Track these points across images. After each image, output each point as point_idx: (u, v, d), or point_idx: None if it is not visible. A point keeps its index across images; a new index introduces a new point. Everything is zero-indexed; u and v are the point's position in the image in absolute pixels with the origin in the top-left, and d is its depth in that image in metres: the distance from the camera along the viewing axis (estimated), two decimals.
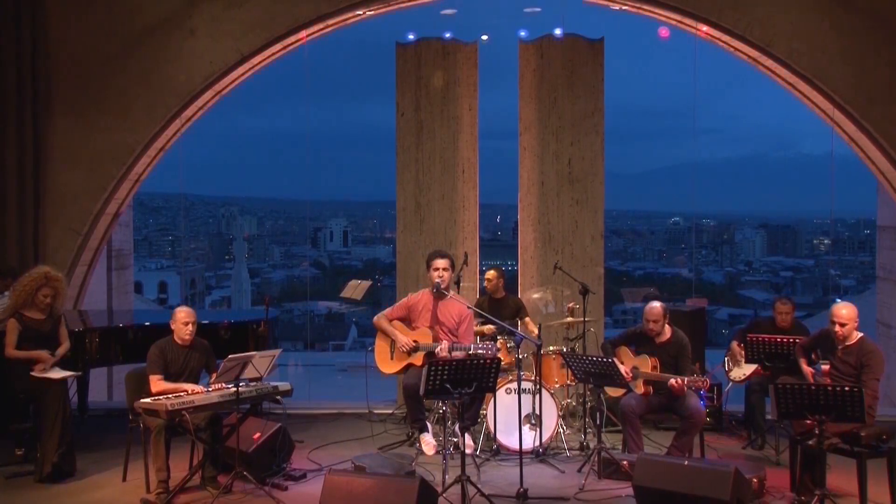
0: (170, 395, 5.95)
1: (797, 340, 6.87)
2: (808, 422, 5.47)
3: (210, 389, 6.16)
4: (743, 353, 7.48)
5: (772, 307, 7.85)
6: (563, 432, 7.45)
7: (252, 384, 6.23)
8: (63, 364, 6.70)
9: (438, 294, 6.96)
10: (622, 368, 6.66)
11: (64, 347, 6.75)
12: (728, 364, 7.86)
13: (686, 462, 5.68)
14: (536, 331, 7.71)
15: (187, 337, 6.35)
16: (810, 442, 5.57)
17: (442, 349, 6.72)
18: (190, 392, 6.06)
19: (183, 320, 6.35)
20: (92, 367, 7.75)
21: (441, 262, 6.97)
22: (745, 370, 7.63)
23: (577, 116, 9.16)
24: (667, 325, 6.80)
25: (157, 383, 6.19)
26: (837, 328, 6.02)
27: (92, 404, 8.34)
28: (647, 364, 6.69)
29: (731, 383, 7.87)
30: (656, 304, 6.78)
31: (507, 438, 7.15)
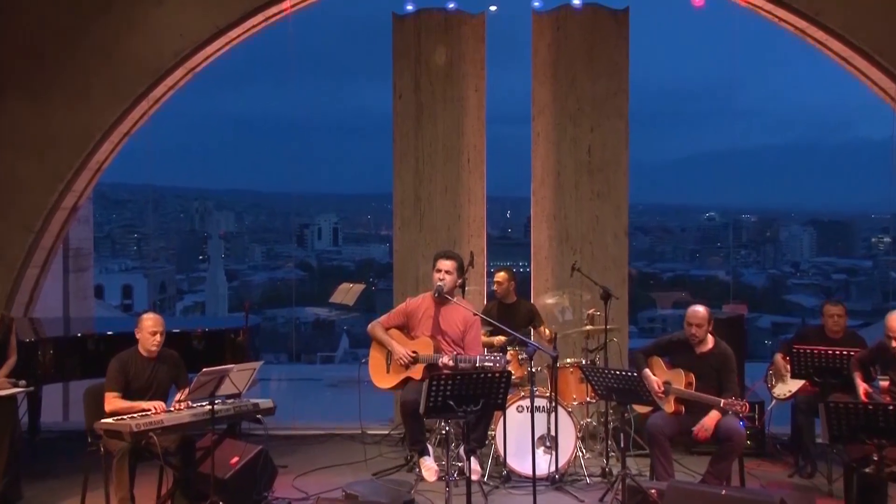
0: (135, 415, 5.94)
1: (851, 353, 6.84)
2: (866, 446, 5.44)
3: (174, 408, 6.14)
4: (788, 366, 7.45)
5: (820, 312, 7.83)
6: (583, 456, 7.44)
7: (229, 401, 6.22)
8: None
9: (440, 299, 6.94)
10: (654, 381, 6.65)
11: (9, 364, 6.71)
12: (771, 379, 7.84)
13: (724, 491, 5.67)
14: (552, 340, 7.70)
15: (154, 348, 6.35)
16: (868, 469, 5.53)
17: (444, 361, 6.71)
18: (154, 410, 6.05)
19: (150, 329, 6.34)
20: (45, 383, 7.73)
21: (445, 264, 6.95)
22: (790, 386, 7.61)
23: (599, 98, 9.14)
24: (710, 334, 6.80)
25: (111, 401, 6.18)
26: (894, 343, 5.99)
27: (45, 425, 8.34)
28: (680, 379, 6.67)
29: (774, 401, 7.85)
30: (700, 308, 6.78)
31: (519, 463, 7.14)
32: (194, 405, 6.15)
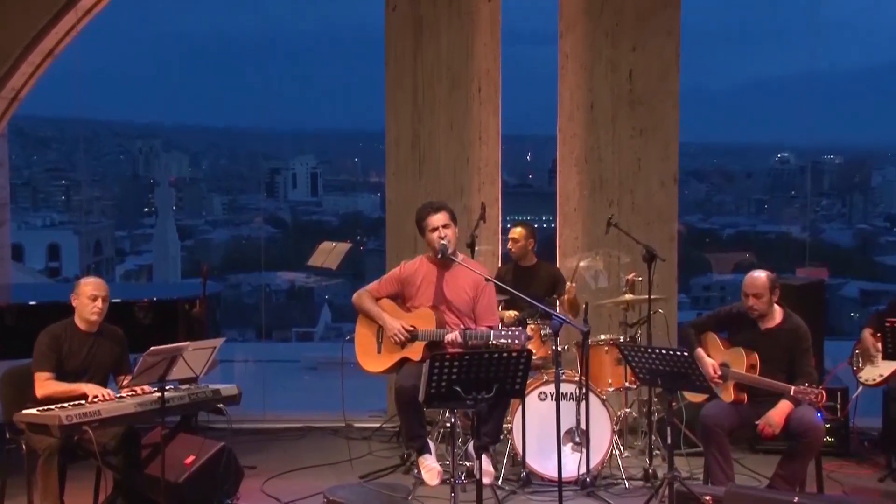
0: (65, 404, 5.99)
1: None
2: None
3: (121, 395, 6.20)
4: (879, 345, 7.48)
5: None
6: (620, 455, 7.50)
7: (183, 388, 6.27)
8: None
9: (444, 260, 6.96)
10: (709, 363, 6.68)
11: None
12: (858, 361, 7.85)
13: (796, 498, 5.71)
14: (581, 312, 7.73)
15: (95, 317, 6.40)
16: None
17: (451, 338, 6.74)
18: (94, 397, 6.10)
19: (90, 294, 6.39)
20: None
21: (440, 218, 6.96)
22: (882, 370, 7.62)
23: (642, 10, 9.10)
24: (777, 305, 6.81)
25: (44, 384, 6.23)
26: None
27: None
28: (741, 360, 6.69)
29: (861, 388, 7.87)
30: (761, 274, 6.78)
31: (541, 463, 7.21)
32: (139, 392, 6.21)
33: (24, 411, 5.98)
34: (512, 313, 7.92)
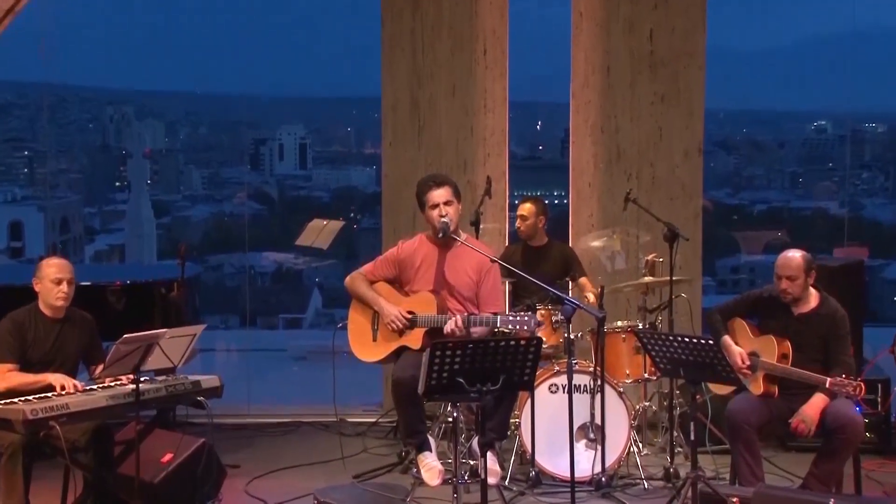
0: (30, 397, 6.00)
1: None
2: None
3: (91, 386, 6.21)
4: None
5: None
6: (639, 452, 7.53)
7: (160, 379, 6.30)
8: None
9: (445, 240, 6.97)
10: (737, 352, 6.69)
11: None
12: None
13: (832, 500, 5.74)
14: (597, 297, 7.74)
15: (60, 303, 6.41)
16: None
17: (453, 327, 6.75)
18: (62, 388, 6.12)
19: (53, 277, 6.39)
20: None
21: (441, 193, 6.95)
22: None
23: None
24: (812, 289, 6.82)
25: (6, 376, 6.27)
26: None
27: None
28: (772, 349, 6.70)
29: None
30: (795, 254, 6.78)
31: (552, 461, 7.24)
32: (112, 383, 6.23)
33: None
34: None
